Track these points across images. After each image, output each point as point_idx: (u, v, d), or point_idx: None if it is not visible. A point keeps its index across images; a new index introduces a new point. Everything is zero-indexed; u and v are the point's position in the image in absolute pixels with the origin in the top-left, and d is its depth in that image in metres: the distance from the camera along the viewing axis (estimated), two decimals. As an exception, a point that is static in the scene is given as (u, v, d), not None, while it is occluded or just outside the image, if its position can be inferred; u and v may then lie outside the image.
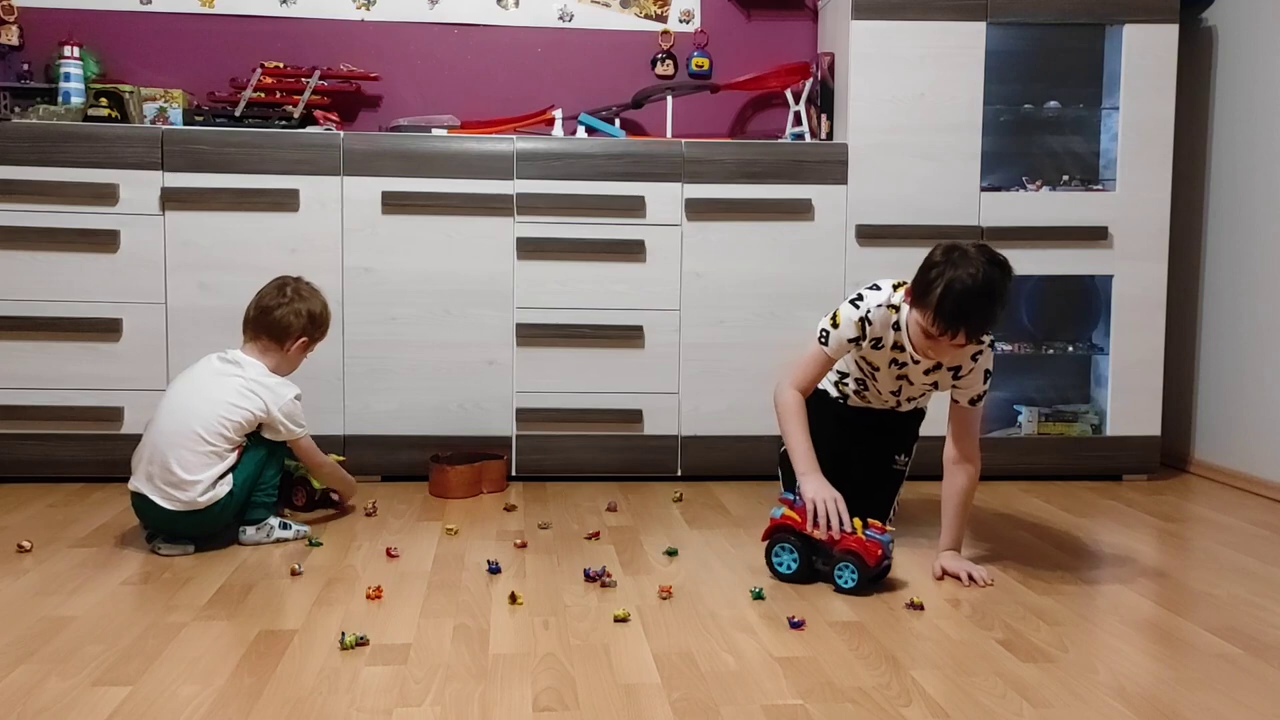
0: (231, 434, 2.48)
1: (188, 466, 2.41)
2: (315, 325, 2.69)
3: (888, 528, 2.28)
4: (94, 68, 3.42)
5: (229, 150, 3.11)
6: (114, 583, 2.22)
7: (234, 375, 2.55)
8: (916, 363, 2.32)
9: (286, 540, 2.56)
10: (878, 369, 2.43)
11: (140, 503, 2.46)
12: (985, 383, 2.32)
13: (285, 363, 2.66)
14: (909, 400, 2.52)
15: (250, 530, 2.53)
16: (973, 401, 2.34)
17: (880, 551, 2.20)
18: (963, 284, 2.08)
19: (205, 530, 2.48)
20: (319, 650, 1.86)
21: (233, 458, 2.49)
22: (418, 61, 3.64)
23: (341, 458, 2.96)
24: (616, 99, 3.58)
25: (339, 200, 3.15)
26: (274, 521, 2.56)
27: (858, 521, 2.23)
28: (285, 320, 2.63)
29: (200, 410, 2.47)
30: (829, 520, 2.20)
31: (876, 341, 2.35)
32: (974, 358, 2.30)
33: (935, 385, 2.40)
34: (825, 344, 2.37)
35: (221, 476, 2.46)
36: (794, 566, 2.27)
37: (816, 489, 2.24)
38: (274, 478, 2.59)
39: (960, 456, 2.35)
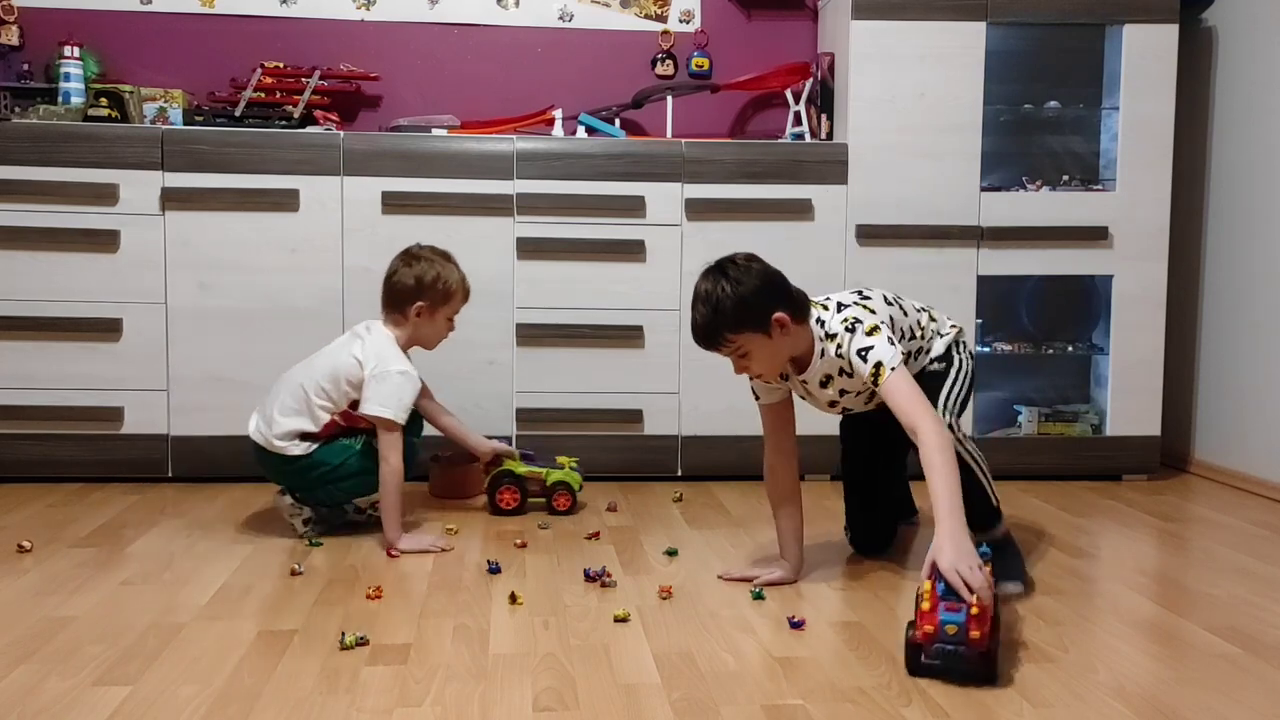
0: (329, 389, 2.54)
1: (282, 409, 2.55)
2: (425, 290, 2.59)
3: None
4: (94, 68, 3.41)
5: (229, 150, 3.11)
6: (114, 583, 2.22)
7: (357, 338, 2.62)
8: (804, 382, 2.23)
9: (299, 531, 2.60)
10: (804, 398, 2.31)
11: (253, 445, 2.60)
12: (866, 362, 2.07)
13: (416, 333, 2.63)
14: (863, 405, 2.32)
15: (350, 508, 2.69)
16: (875, 381, 2.07)
17: (931, 628, 1.70)
18: (693, 306, 2.10)
19: (295, 481, 2.58)
20: (319, 650, 1.86)
21: (319, 424, 2.54)
22: (418, 61, 3.64)
23: (573, 460, 2.94)
24: (616, 99, 3.58)
25: (339, 200, 3.15)
26: (304, 514, 2.60)
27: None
28: (399, 285, 2.62)
29: (315, 363, 2.60)
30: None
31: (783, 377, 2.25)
32: (837, 354, 2.14)
33: (843, 393, 2.22)
34: (758, 399, 2.32)
35: (304, 436, 2.53)
36: None
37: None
38: (353, 489, 2.60)
39: (909, 436, 2.07)
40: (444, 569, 2.36)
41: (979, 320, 3.36)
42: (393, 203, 3.16)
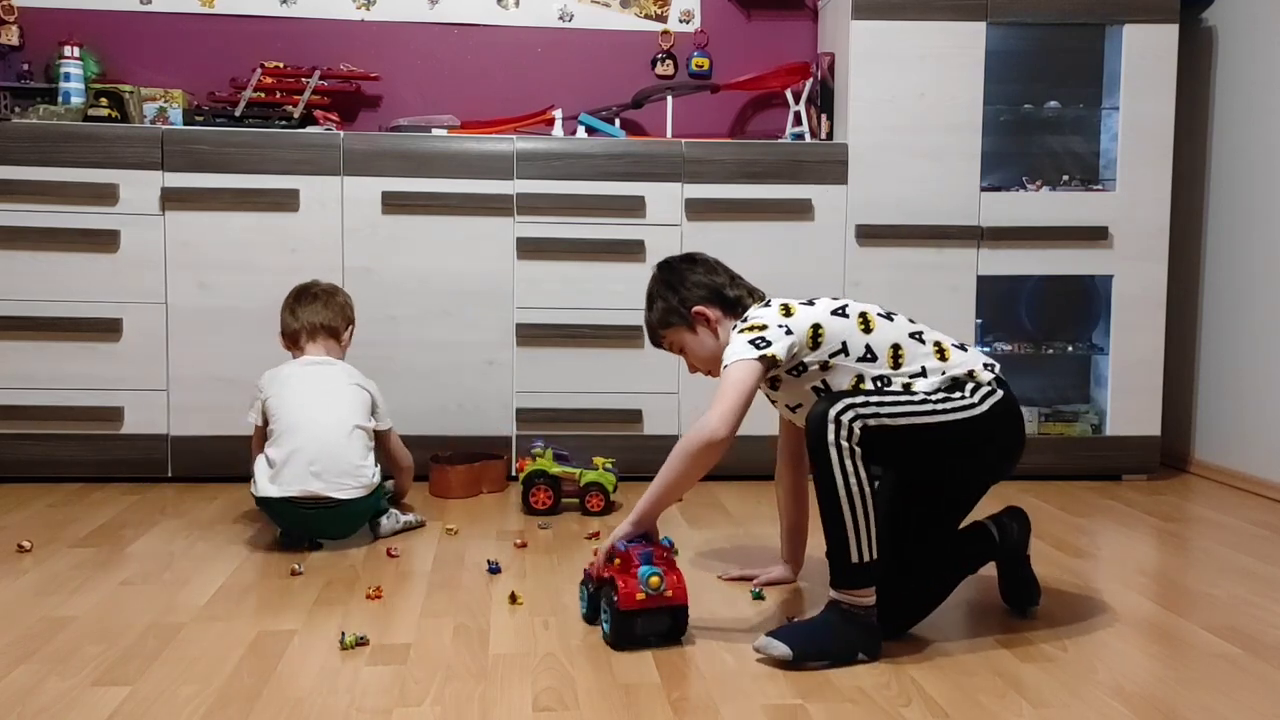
0: (369, 418, 2.65)
1: (359, 453, 2.55)
2: (351, 316, 2.86)
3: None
4: (94, 68, 3.42)
5: (229, 150, 3.11)
6: (114, 583, 2.23)
7: (338, 369, 2.70)
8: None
9: (413, 526, 2.69)
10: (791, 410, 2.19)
11: (294, 509, 2.47)
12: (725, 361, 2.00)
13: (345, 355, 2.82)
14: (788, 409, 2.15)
15: (385, 522, 2.62)
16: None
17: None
18: None
19: (358, 523, 2.58)
20: (319, 650, 1.86)
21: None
22: (418, 61, 3.64)
23: (609, 461, 2.98)
24: (616, 99, 3.58)
25: (339, 200, 3.15)
26: (396, 511, 2.67)
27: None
28: (335, 320, 2.79)
29: (343, 402, 2.61)
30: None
31: None
32: None
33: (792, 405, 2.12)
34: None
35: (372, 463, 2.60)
36: None
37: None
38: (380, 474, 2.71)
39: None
40: (444, 569, 2.36)
41: (979, 320, 3.36)
42: (393, 203, 3.16)
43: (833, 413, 1.82)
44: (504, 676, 1.76)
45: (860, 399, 1.85)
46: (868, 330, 2.00)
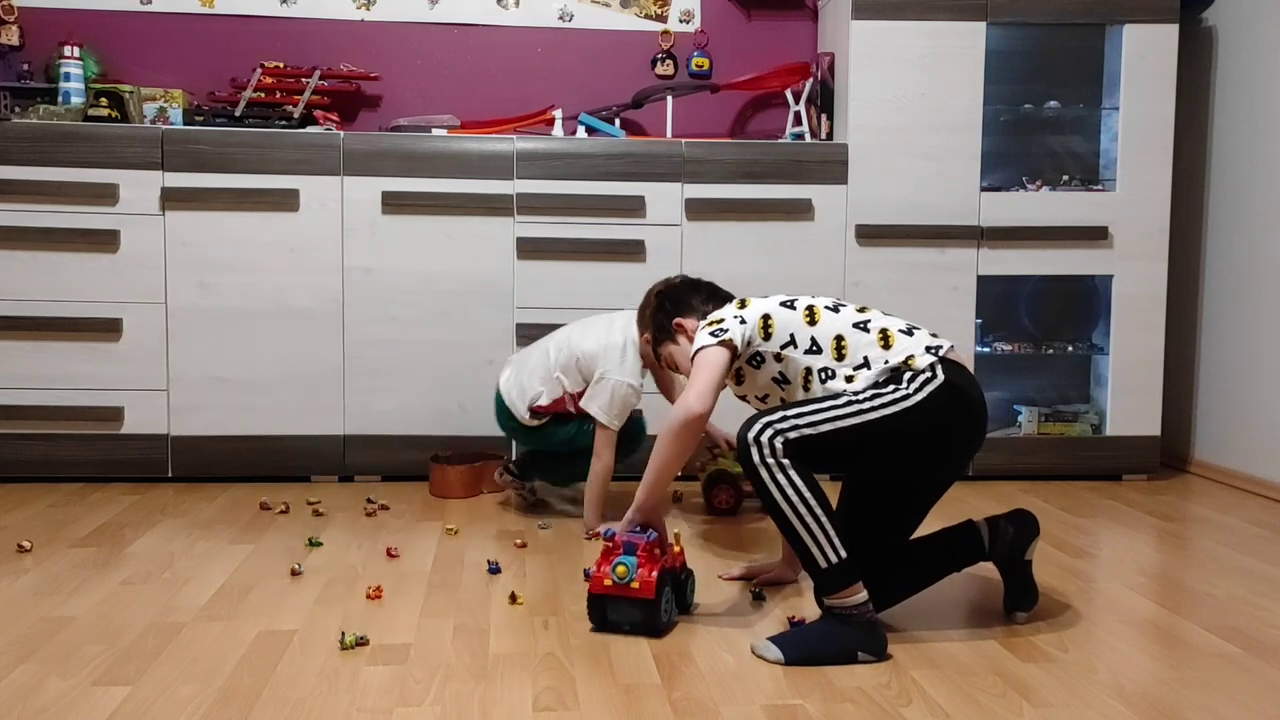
0: (569, 377, 2.69)
1: (531, 380, 2.73)
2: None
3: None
4: (94, 68, 3.42)
5: (229, 150, 3.11)
6: (114, 583, 2.23)
7: (612, 333, 2.70)
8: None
9: (525, 496, 2.90)
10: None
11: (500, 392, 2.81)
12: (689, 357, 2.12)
13: (650, 361, 2.64)
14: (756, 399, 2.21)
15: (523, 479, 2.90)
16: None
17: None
18: None
19: (516, 434, 2.86)
20: (319, 650, 1.86)
21: (558, 404, 2.71)
22: (418, 61, 3.64)
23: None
24: (616, 99, 3.58)
25: (339, 200, 3.15)
26: (547, 488, 2.85)
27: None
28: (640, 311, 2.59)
29: (563, 346, 2.73)
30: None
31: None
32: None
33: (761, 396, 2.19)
34: None
35: (547, 409, 2.71)
36: None
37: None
38: (572, 470, 2.82)
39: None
40: (444, 569, 2.36)
41: (979, 320, 3.36)
42: (393, 203, 3.16)
43: (751, 435, 1.88)
44: (504, 676, 1.76)
45: (778, 415, 1.90)
46: (813, 323, 2.05)
